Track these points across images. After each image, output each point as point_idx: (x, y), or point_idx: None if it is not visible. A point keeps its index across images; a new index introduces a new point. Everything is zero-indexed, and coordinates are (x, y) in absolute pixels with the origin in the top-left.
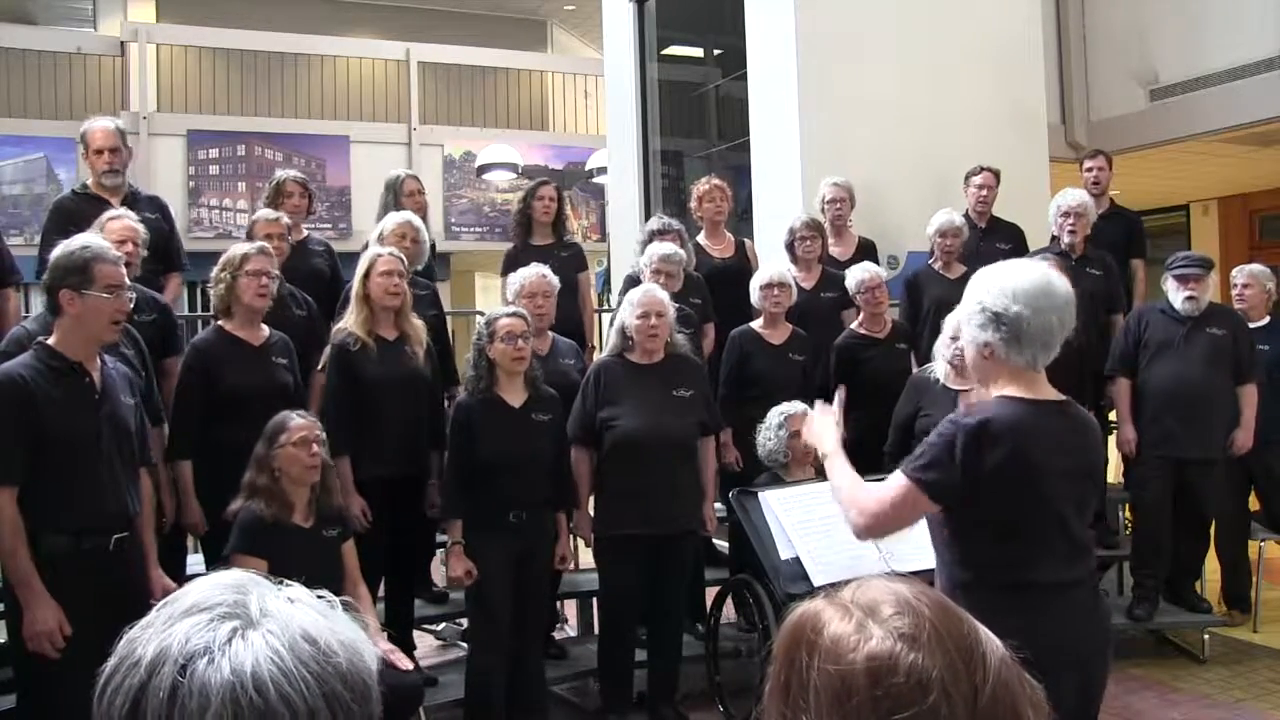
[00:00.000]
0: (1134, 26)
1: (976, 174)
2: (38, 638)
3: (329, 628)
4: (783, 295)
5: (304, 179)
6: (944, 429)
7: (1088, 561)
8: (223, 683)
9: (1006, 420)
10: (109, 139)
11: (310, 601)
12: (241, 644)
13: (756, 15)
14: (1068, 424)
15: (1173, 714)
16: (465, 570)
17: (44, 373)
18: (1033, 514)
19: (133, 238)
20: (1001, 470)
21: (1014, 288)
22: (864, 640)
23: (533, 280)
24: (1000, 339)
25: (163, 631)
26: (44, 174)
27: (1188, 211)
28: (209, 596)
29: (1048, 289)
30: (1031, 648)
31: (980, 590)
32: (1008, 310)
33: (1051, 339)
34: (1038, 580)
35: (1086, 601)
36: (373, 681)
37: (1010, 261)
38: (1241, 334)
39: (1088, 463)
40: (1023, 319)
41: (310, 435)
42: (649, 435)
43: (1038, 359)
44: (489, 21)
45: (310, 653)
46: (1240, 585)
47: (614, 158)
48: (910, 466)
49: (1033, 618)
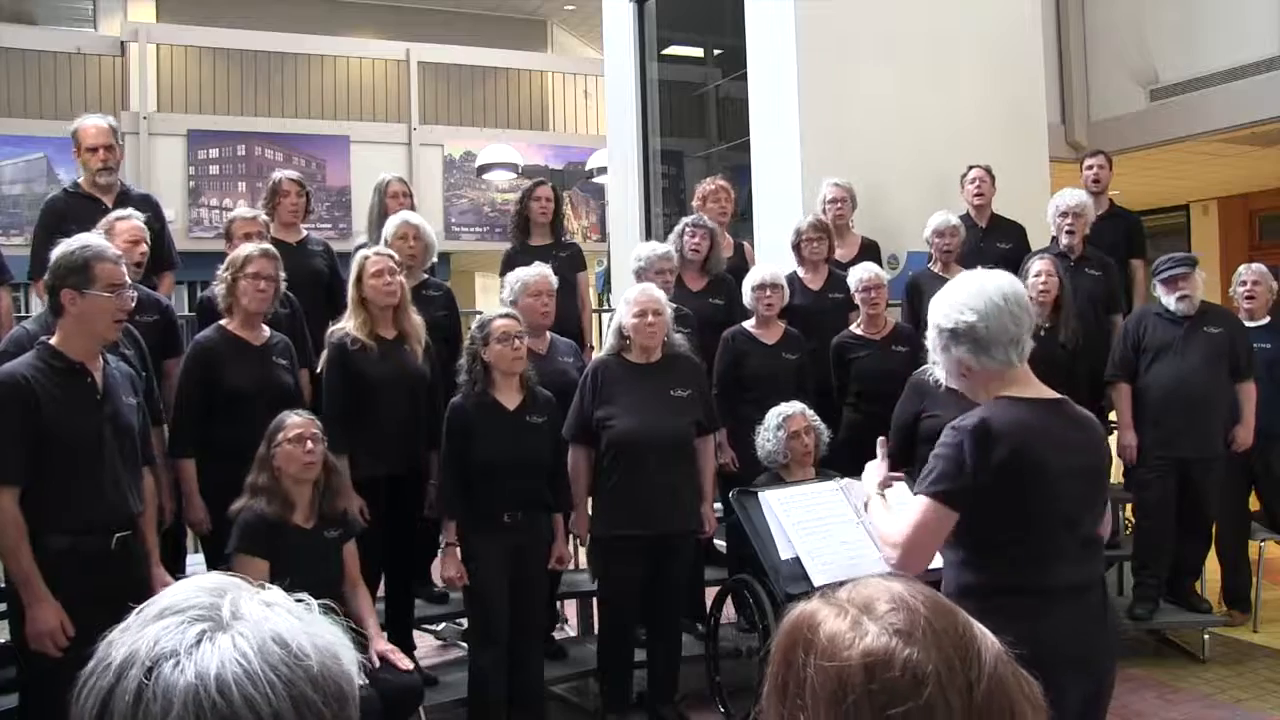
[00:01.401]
0: (1134, 26)
1: (969, 172)
2: (40, 637)
3: (304, 631)
4: (775, 296)
5: (301, 179)
6: (948, 438)
7: (1098, 564)
8: (186, 686)
9: (1005, 418)
10: (102, 136)
11: (287, 605)
12: (209, 647)
13: (756, 15)
14: (1067, 422)
15: (1173, 714)
16: (456, 572)
17: (46, 373)
18: (1041, 514)
19: (143, 238)
20: (1006, 467)
21: (956, 300)
22: (859, 637)
23: (535, 279)
24: (967, 351)
25: (135, 634)
26: (44, 174)
27: (1188, 211)
28: (183, 599)
29: (990, 288)
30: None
31: (989, 594)
32: (960, 323)
33: (1016, 332)
34: (1047, 584)
35: (1097, 605)
36: (350, 686)
37: (952, 281)
38: (1238, 332)
39: (1093, 461)
40: (975, 326)
41: (306, 432)
42: (645, 435)
43: (1012, 355)
44: (489, 21)
45: (280, 655)
46: (1240, 585)
47: (614, 158)
48: (925, 485)
49: (1043, 622)
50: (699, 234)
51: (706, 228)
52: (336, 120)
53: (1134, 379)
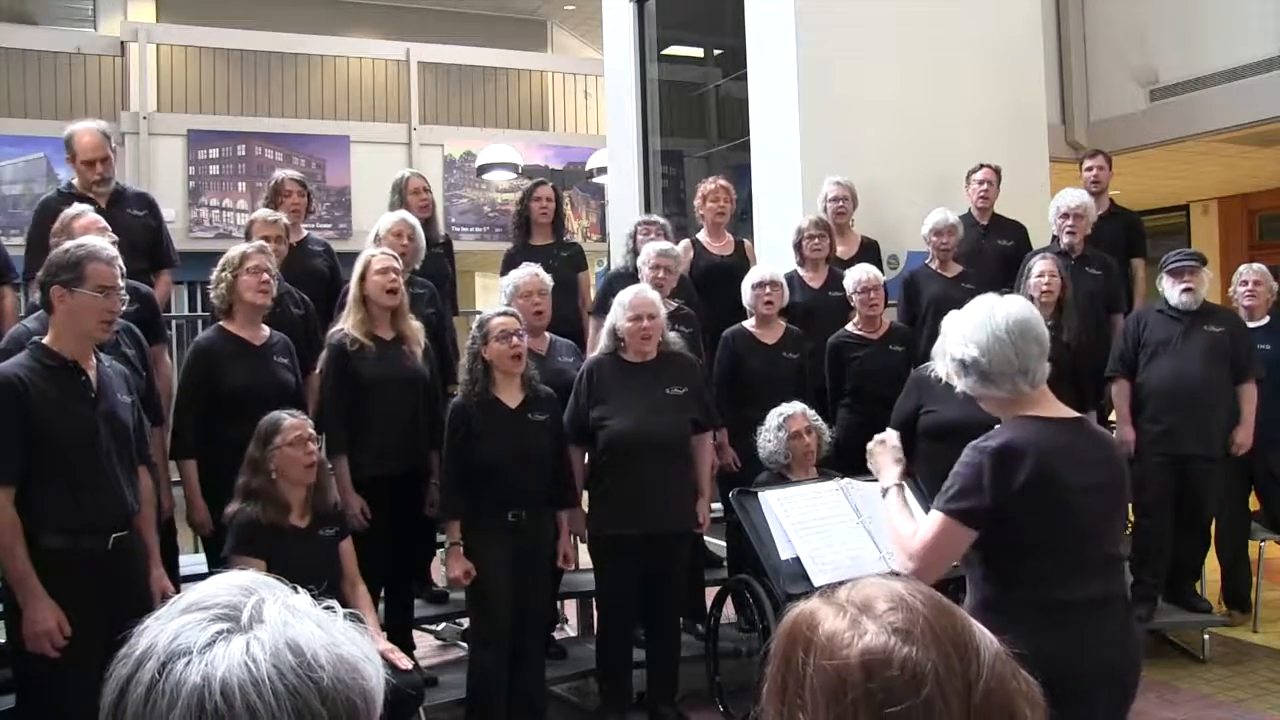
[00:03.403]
0: (1134, 26)
1: (977, 171)
2: (37, 637)
3: (325, 641)
4: (774, 294)
5: (302, 178)
6: (968, 457)
7: (1120, 578)
8: (192, 686)
9: (1026, 439)
10: (98, 149)
11: (312, 613)
12: (223, 648)
13: (756, 15)
14: (1086, 440)
15: (1173, 714)
16: (464, 570)
17: (40, 371)
18: (1063, 530)
19: (101, 228)
20: (1029, 488)
21: (963, 332)
22: (858, 636)
23: (526, 280)
24: (975, 382)
25: (160, 626)
26: (44, 174)
27: (1188, 211)
28: (211, 595)
29: (990, 322)
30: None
31: (1012, 608)
32: (966, 355)
33: (1021, 363)
34: (1070, 598)
35: (1120, 617)
36: (365, 702)
37: (969, 304)
38: (1239, 332)
39: (1113, 477)
40: (979, 362)
41: (305, 434)
42: (641, 434)
43: (1020, 385)
44: (489, 21)
45: (291, 664)
46: (1240, 585)
47: (614, 158)
48: (943, 501)
49: (1068, 635)
50: (654, 230)
51: (659, 223)
52: (336, 120)
53: (1133, 375)
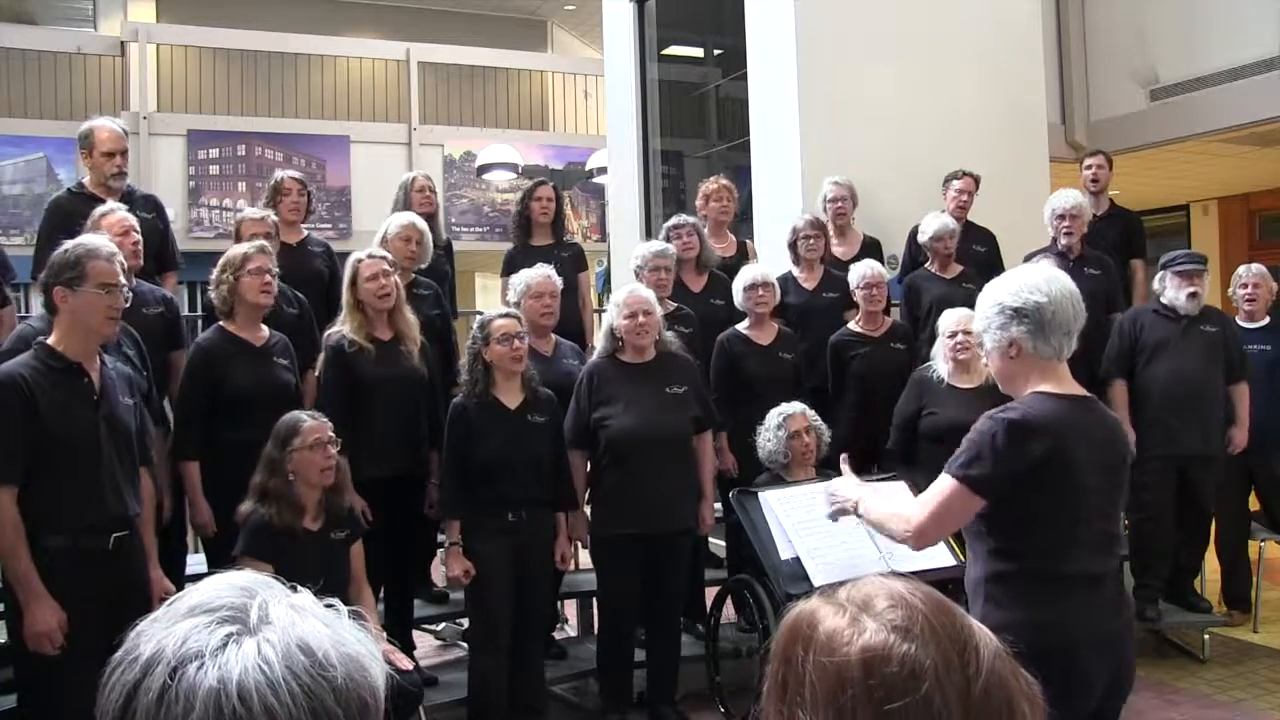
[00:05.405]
0: (1134, 26)
1: (958, 178)
2: (37, 638)
3: (331, 639)
4: (767, 295)
5: (302, 178)
6: (982, 425)
7: (1116, 556)
8: (208, 690)
9: (1043, 414)
10: (118, 142)
11: (317, 611)
12: (235, 651)
13: (756, 15)
14: (1096, 418)
15: (1173, 714)
16: (464, 570)
17: (43, 372)
18: (1072, 506)
19: (131, 227)
20: (1042, 463)
21: (1030, 282)
22: (858, 633)
23: (539, 281)
24: (1025, 331)
25: (164, 630)
26: (44, 174)
27: (1188, 211)
28: (215, 597)
29: (1059, 279)
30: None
31: (1016, 581)
32: (1028, 302)
33: (1073, 326)
34: (1071, 571)
35: (1114, 593)
36: (373, 699)
37: (1017, 267)
38: (1230, 332)
39: (1118, 455)
40: (1044, 308)
41: (324, 437)
42: (642, 433)
43: (1063, 347)
44: (489, 21)
45: (304, 664)
46: (1240, 585)
47: (614, 158)
48: (954, 466)
49: (1071, 605)
50: (684, 233)
51: (689, 224)
52: (336, 120)
53: (1130, 376)
